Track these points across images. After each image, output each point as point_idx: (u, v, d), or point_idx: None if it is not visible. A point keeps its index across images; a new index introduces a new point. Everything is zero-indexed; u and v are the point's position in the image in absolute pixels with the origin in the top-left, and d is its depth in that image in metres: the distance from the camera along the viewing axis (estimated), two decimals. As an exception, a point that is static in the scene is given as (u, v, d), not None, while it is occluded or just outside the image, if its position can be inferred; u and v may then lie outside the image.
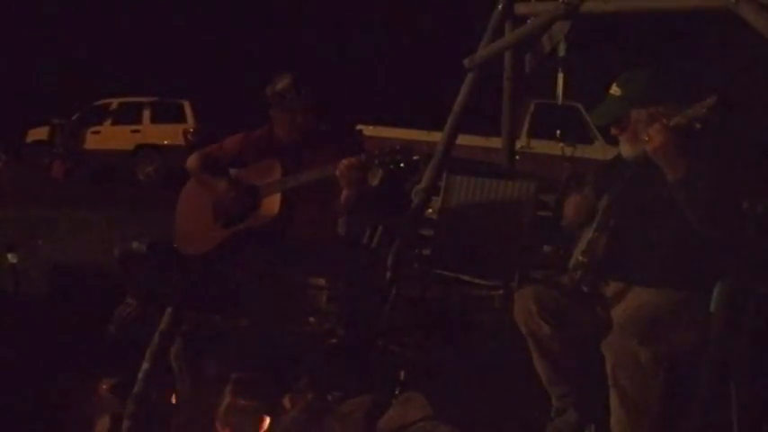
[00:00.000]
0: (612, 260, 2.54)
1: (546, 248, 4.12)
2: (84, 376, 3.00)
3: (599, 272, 2.57)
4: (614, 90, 2.57)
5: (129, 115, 13.14)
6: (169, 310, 2.91)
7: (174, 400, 2.86)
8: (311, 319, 3.86)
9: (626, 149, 2.57)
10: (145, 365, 2.79)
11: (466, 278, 4.07)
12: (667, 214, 2.44)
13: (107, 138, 13.28)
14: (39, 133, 14.21)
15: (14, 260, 4.09)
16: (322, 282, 3.50)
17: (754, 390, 2.52)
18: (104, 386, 2.92)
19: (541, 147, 9.24)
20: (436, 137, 4.76)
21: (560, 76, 4.70)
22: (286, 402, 2.79)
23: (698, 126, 2.38)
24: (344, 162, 3.03)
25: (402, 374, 2.97)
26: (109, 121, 13.41)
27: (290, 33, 17.45)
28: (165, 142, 12.47)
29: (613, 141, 2.71)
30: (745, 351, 2.43)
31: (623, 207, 2.55)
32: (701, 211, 2.33)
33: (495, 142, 5.23)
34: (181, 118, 12.45)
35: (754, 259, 2.52)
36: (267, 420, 2.65)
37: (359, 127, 10.84)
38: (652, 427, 2.35)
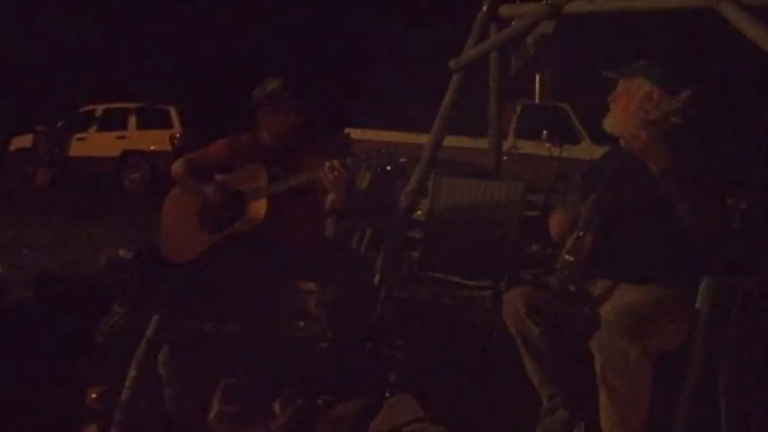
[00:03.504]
0: (599, 259, 2.55)
1: (534, 248, 4.13)
2: (71, 385, 2.98)
3: (586, 270, 2.58)
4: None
5: (114, 121, 13.04)
6: (155, 317, 2.89)
7: (162, 408, 2.84)
8: (300, 323, 3.85)
9: (608, 122, 2.62)
10: (132, 373, 2.77)
11: (455, 279, 4.07)
12: (652, 211, 2.46)
13: (92, 144, 13.18)
14: (23, 141, 14.09)
15: (-1, 270, 4.06)
16: (311, 286, 3.49)
17: (743, 385, 2.53)
18: (92, 395, 2.90)
19: (528, 147, 9.25)
20: (424, 139, 4.75)
21: (537, 77, 4.73)
22: (276, 407, 2.78)
23: (674, 120, 2.41)
24: (330, 165, 3.02)
25: (392, 377, 2.97)
26: (94, 128, 13.31)
27: (277, 37, 17.43)
28: (152, 148, 12.39)
29: (600, 141, 2.75)
30: (732, 346, 2.45)
31: (608, 205, 2.56)
32: (688, 201, 2.35)
33: (483, 143, 5.23)
34: (167, 124, 12.38)
35: (739, 254, 2.54)
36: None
37: (346, 130, 10.83)
38: (641, 424, 2.36)
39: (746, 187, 2.80)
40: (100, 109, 13.41)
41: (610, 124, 2.65)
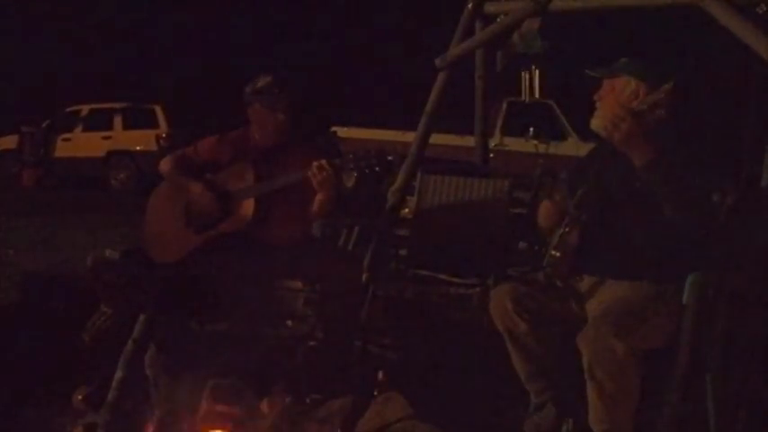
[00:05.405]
0: (585, 254, 2.56)
1: (521, 245, 4.13)
2: (57, 386, 2.96)
3: (572, 266, 2.59)
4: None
5: (100, 121, 12.95)
6: (142, 317, 2.88)
7: (149, 409, 2.83)
8: (288, 322, 3.84)
9: (595, 122, 2.62)
10: (119, 374, 2.76)
11: (443, 277, 4.07)
12: (638, 207, 2.47)
13: (78, 145, 13.09)
14: (8, 142, 13.97)
15: (-16, 271, 4.03)
16: (298, 284, 3.48)
17: (729, 380, 2.55)
18: (78, 396, 2.89)
19: (515, 144, 9.28)
20: (410, 137, 4.75)
21: (528, 74, 4.73)
22: (264, 407, 2.78)
23: (660, 113, 2.42)
24: (318, 165, 3.02)
25: (381, 375, 2.96)
26: (79, 128, 13.22)
27: (263, 35, 17.38)
28: (138, 148, 12.32)
29: (587, 138, 2.75)
30: (718, 342, 2.46)
31: (594, 201, 2.57)
32: (672, 194, 2.35)
33: (469, 141, 5.24)
34: (153, 123, 12.31)
35: (725, 250, 2.55)
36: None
37: (333, 128, 10.81)
38: (629, 419, 2.37)
39: (732, 182, 2.81)
40: (85, 109, 13.31)
41: (597, 124, 2.64)
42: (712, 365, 2.47)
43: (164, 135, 12.05)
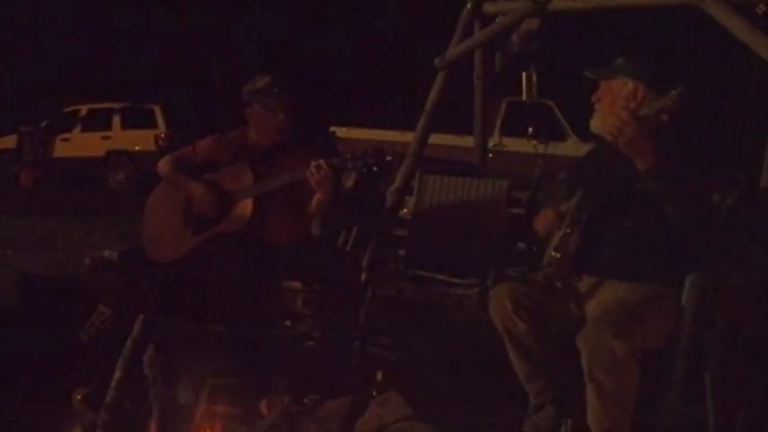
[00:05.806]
0: (585, 255, 2.56)
1: (520, 245, 4.13)
2: (56, 386, 2.95)
3: (572, 267, 2.59)
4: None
5: (98, 121, 12.95)
6: (141, 317, 2.87)
7: (148, 409, 2.83)
8: (287, 322, 3.84)
9: (594, 123, 2.61)
10: (117, 374, 2.76)
11: (442, 277, 4.07)
12: (638, 208, 2.47)
13: (77, 145, 13.09)
14: (6, 142, 13.97)
15: (-17, 270, 4.02)
16: (297, 285, 3.47)
17: (728, 380, 2.55)
18: (77, 396, 2.88)
19: (514, 144, 9.28)
20: (410, 137, 4.76)
21: (524, 75, 4.73)
22: (263, 407, 2.77)
23: (664, 118, 2.42)
24: (316, 165, 3.02)
25: (379, 375, 2.96)
26: (78, 128, 13.21)
27: (262, 36, 17.38)
28: (137, 148, 12.32)
29: (586, 138, 2.75)
30: (717, 342, 2.46)
31: (594, 202, 2.56)
32: (674, 196, 2.35)
33: (468, 141, 5.24)
34: (152, 123, 12.30)
35: (725, 250, 2.55)
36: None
37: (332, 129, 10.81)
38: (628, 420, 2.37)
39: (732, 183, 2.81)
40: (84, 109, 13.31)
41: (596, 125, 2.63)
42: (712, 365, 2.47)
43: (162, 135, 12.03)
